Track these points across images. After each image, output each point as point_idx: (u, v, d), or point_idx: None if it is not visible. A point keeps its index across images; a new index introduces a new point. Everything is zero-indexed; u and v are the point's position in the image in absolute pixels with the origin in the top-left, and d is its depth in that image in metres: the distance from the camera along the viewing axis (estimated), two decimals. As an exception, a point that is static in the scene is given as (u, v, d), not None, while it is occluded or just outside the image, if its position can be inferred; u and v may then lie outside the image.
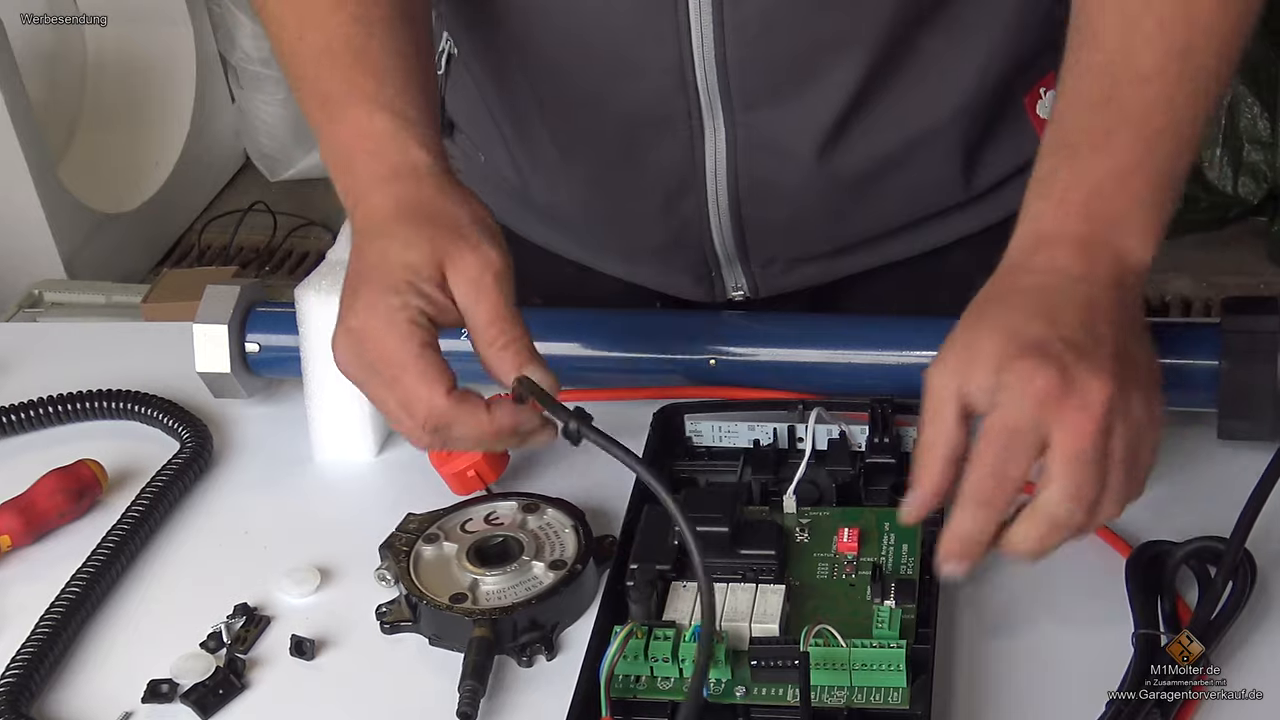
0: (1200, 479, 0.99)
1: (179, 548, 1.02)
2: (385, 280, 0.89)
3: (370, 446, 1.08)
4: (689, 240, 1.13)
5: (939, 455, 0.82)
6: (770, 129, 1.06)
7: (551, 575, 0.93)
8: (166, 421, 1.11)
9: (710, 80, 1.04)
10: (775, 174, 1.09)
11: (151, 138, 3.14)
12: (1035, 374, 0.80)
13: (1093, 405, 0.80)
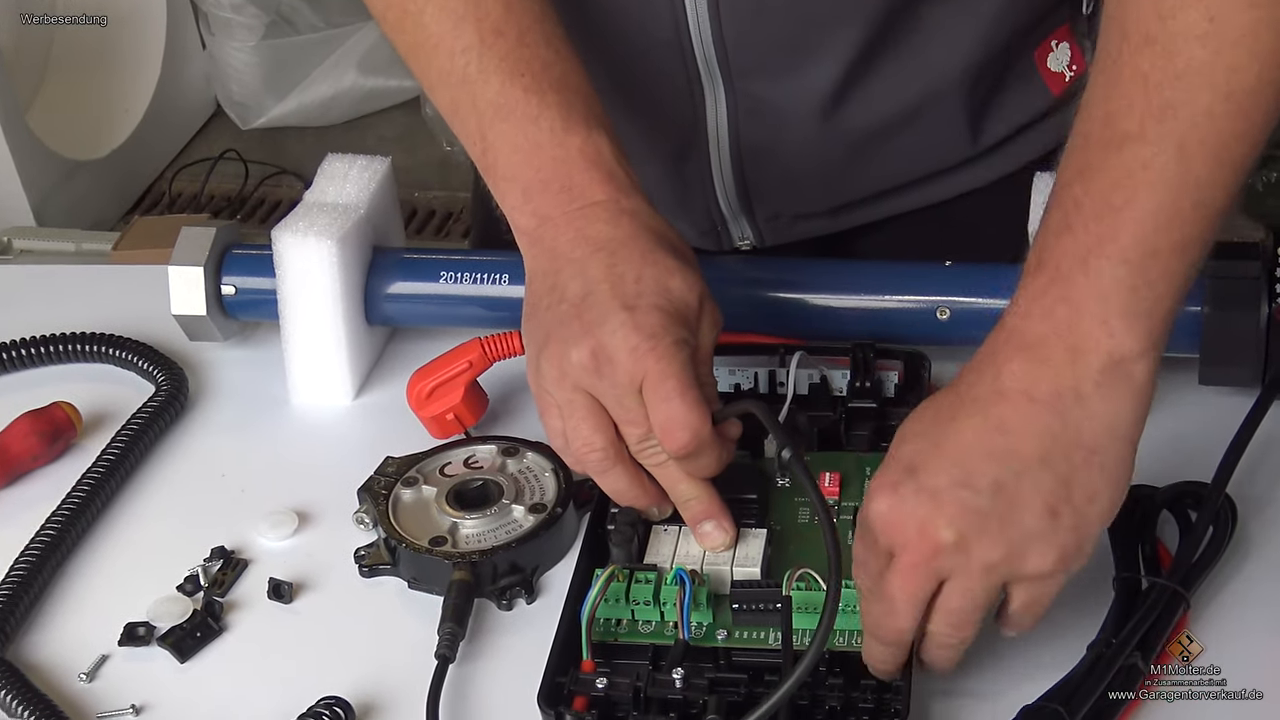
0: (1182, 424, 0.99)
1: (155, 491, 1.02)
2: (661, 311, 0.85)
3: (348, 390, 1.07)
4: (694, 198, 1.13)
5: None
6: (769, 97, 1.06)
7: (531, 518, 0.93)
8: (141, 364, 1.10)
9: (708, 53, 1.04)
10: (776, 137, 1.08)
11: (121, 85, 3.11)
12: (873, 497, 0.77)
13: (914, 551, 0.75)
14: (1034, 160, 1.11)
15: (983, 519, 0.74)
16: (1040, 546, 0.75)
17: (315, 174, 1.09)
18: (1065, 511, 0.75)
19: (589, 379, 0.86)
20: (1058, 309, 0.77)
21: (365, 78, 3.18)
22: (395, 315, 1.09)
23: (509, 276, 1.06)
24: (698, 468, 0.87)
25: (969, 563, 0.75)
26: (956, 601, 0.77)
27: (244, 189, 3.09)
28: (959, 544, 0.75)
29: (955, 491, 0.75)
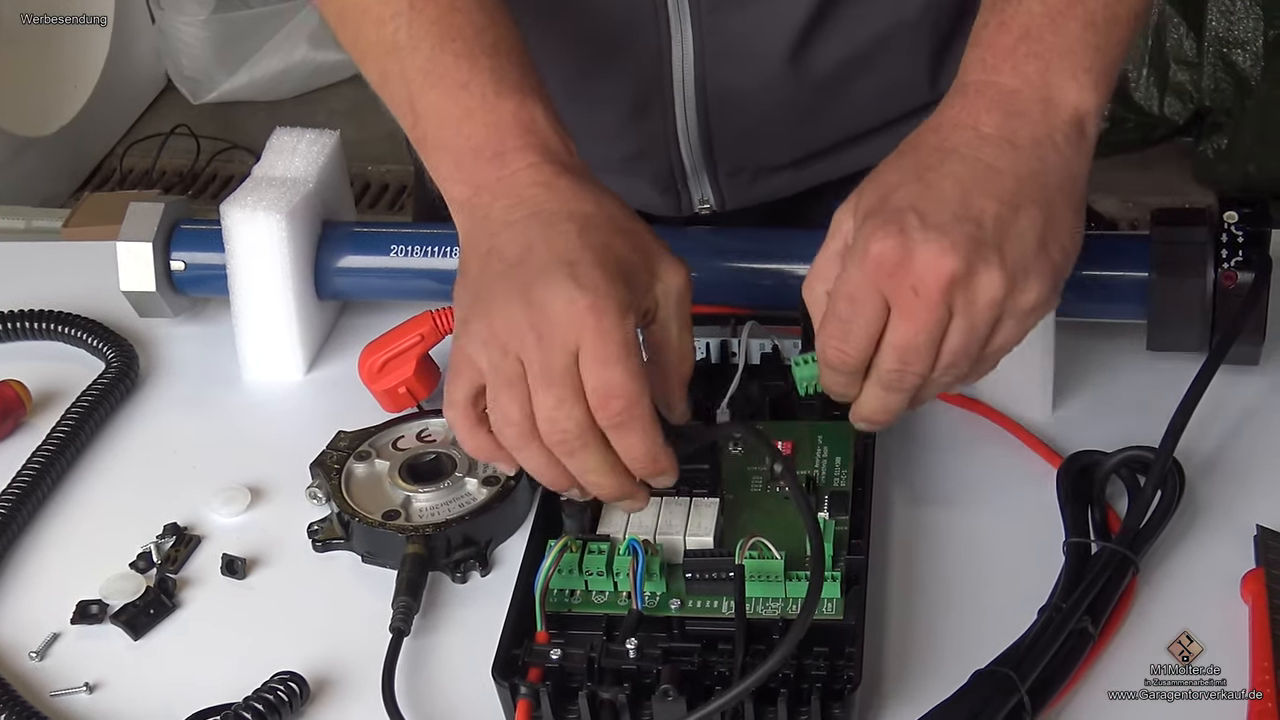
0: (1130, 389, 1.00)
1: (107, 468, 1.01)
2: (603, 268, 0.80)
3: (299, 364, 1.07)
4: (656, 151, 1.12)
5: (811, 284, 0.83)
6: (738, 33, 1.06)
7: (485, 491, 0.93)
8: (91, 341, 1.09)
9: None
10: (743, 80, 1.08)
11: (70, 59, 3.09)
12: (874, 241, 0.78)
13: (927, 287, 0.77)
14: None
15: (987, 251, 0.78)
16: (1035, 277, 0.79)
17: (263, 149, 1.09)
18: (1053, 245, 0.80)
19: (520, 340, 0.80)
20: (1028, 64, 0.82)
21: (316, 51, 3.16)
22: (346, 289, 1.09)
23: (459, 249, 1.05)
24: (626, 447, 0.81)
25: (976, 297, 0.78)
26: (961, 340, 0.79)
27: (196, 164, 3.07)
28: (967, 275, 0.77)
29: (961, 226, 0.78)
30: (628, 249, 0.83)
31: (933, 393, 0.83)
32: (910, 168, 0.81)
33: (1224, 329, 0.95)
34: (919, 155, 0.82)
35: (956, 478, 0.95)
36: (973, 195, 0.79)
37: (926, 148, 0.82)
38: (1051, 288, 0.80)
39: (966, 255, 0.77)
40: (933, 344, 0.79)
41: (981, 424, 0.98)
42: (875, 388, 0.81)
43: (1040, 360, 0.97)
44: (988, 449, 0.97)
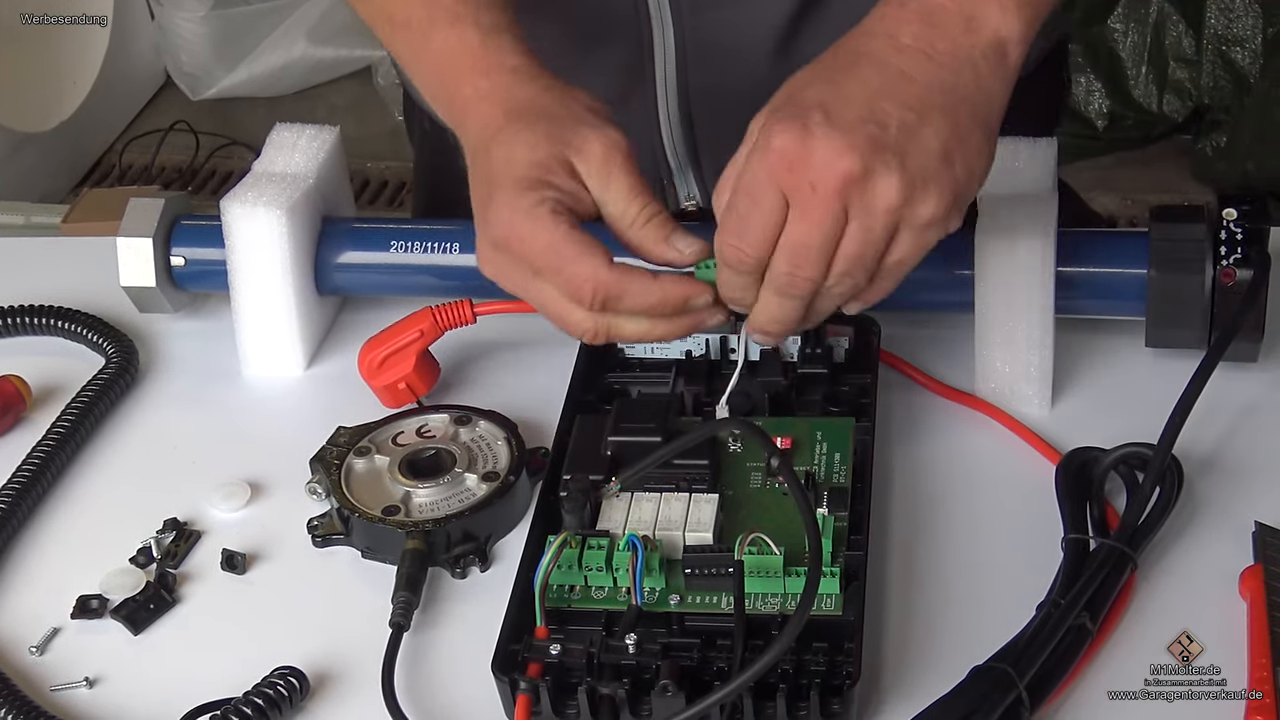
0: (1128, 386, 1.00)
1: (107, 463, 1.01)
2: (516, 183, 0.86)
3: (299, 360, 1.07)
4: (640, 147, 1.11)
5: (720, 189, 0.84)
6: (720, 31, 1.06)
7: (484, 487, 0.93)
8: (91, 337, 1.09)
9: None
10: (726, 77, 1.08)
11: (69, 55, 3.08)
12: (775, 135, 0.79)
13: (825, 183, 0.78)
14: None
15: (888, 155, 0.78)
16: (935, 189, 0.79)
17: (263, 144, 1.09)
18: (958, 160, 0.80)
19: (508, 270, 0.88)
20: None
21: (315, 47, 3.16)
22: (346, 285, 1.09)
23: (459, 245, 1.06)
24: (627, 325, 0.86)
25: (873, 201, 0.78)
26: (856, 246, 0.80)
27: (195, 160, 3.07)
28: (865, 176, 0.78)
29: (864, 127, 0.78)
30: (529, 147, 0.87)
31: (829, 305, 0.83)
32: (823, 70, 0.82)
33: (1223, 326, 0.95)
34: (835, 58, 0.83)
35: (955, 474, 0.95)
36: (880, 99, 0.79)
37: (843, 51, 0.83)
38: (951, 202, 0.80)
39: (865, 156, 0.78)
40: (827, 245, 0.80)
41: (980, 420, 0.98)
42: (770, 293, 0.82)
43: (1039, 356, 0.97)
44: (986, 445, 0.97)
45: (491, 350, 1.06)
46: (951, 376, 1.01)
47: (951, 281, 1.00)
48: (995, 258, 0.96)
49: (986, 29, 0.82)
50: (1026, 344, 0.97)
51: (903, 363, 1.02)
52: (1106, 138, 2.82)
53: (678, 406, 0.97)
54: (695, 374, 0.99)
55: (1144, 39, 2.79)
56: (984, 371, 0.99)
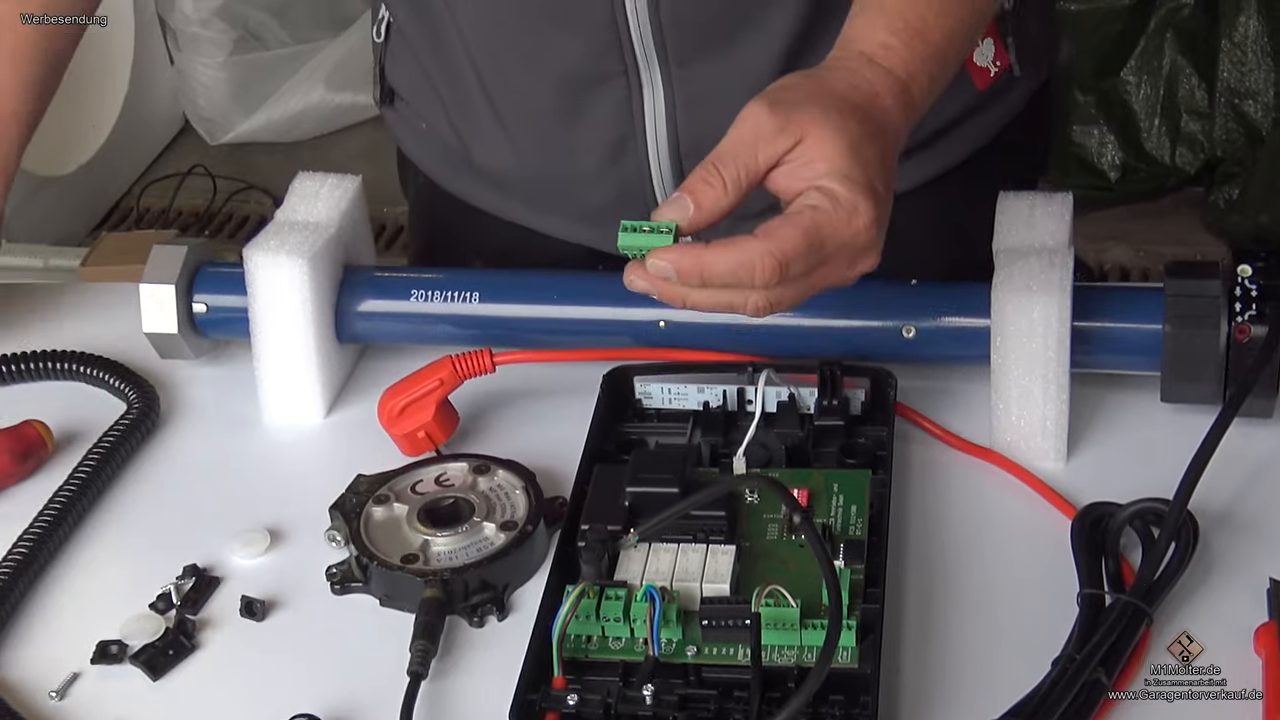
0: (1144, 441, 1.00)
1: (127, 509, 1.02)
2: None
3: (319, 407, 1.08)
4: (631, 198, 1.13)
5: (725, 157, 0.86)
6: (708, 82, 1.07)
7: (502, 536, 0.93)
8: (113, 382, 1.10)
9: (645, 36, 1.05)
10: (715, 127, 1.08)
11: (89, 100, 3.10)
12: (862, 210, 0.83)
13: (874, 254, 0.85)
14: (957, 164, 1.13)
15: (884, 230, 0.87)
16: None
17: (285, 191, 1.10)
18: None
19: None
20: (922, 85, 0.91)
21: (333, 93, 3.18)
22: (366, 333, 1.10)
23: (479, 295, 1.06)
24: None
25: (872, 260, 0.86)
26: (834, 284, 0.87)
27: (212, 204, 3.09)
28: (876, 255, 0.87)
29: (889, 198, 0.86)
30: None
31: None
32: (858, 139, 0.85)
33: (1238, 382, 0.95)
34: (863, 129, 0.86)
35: (971, 527, 0.95)
36: (891, 171, 0.87)
37: (867, 125, 0.87)
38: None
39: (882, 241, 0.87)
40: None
41: (996, 474, 0.99)
42: (721, 295, 0.85)
43: (1054, 410, 0.98)
44: (1002, 499, 0.97)
45: (510, 399, 1.07)
46: (967, 430, 1.01)
47: (968, 335, 1.00)
48: (1011, 312, 0.97)
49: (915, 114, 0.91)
50: (1042, 398, 0.98)
51: (919, 415, 1.02)
52: (1119, 190, 2.82)
53: (695, 457, 0.97)
54: (713, 425, 0.99)
55: (1156, 91, 2.80)
56: (1000, 425, 0.99)
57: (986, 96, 1.13)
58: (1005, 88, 1.15)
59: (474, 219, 1.22)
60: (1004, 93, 1.15)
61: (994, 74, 1.12)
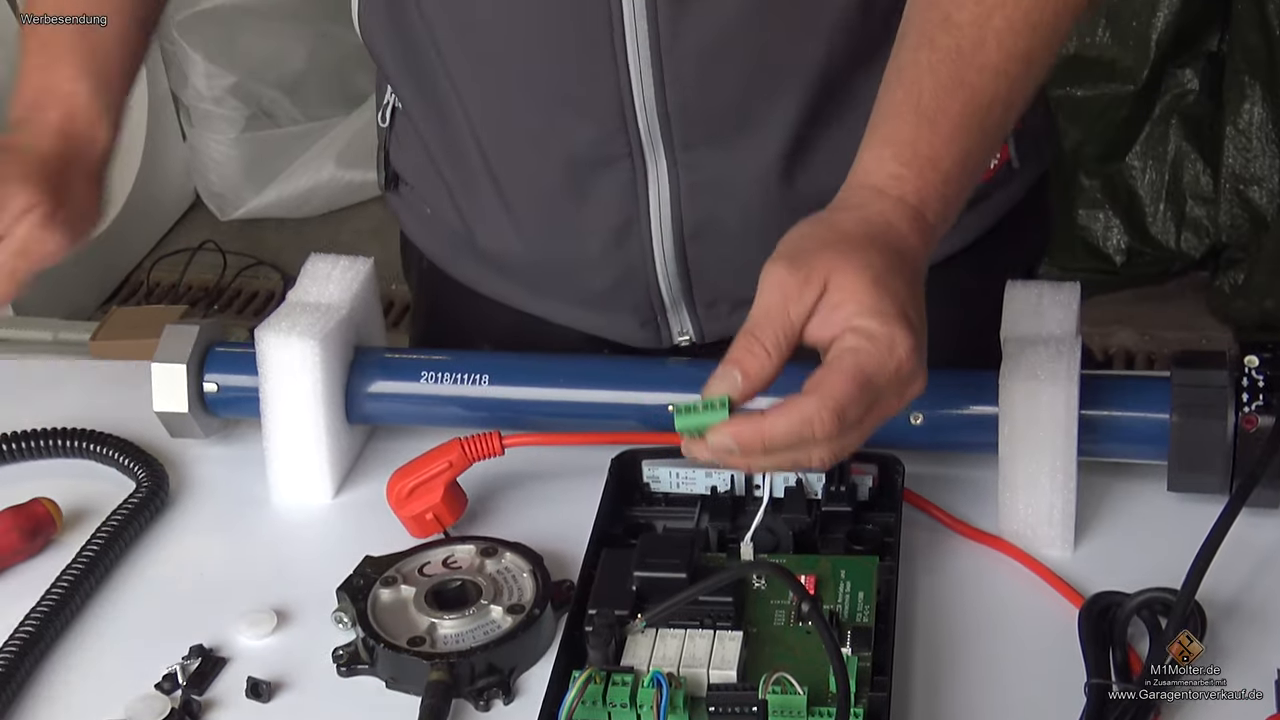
0: (1151, 531, 1.00)
1: (134, 588, 1.02)
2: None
3: (328, 488, 1.08)
4: (634, 283, 1.13)
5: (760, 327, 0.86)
6: (713, 169, 1.08)
7: (509, 619, 0.93)
8: (123, 461, 1.10)
9: (651, 121, 1.06)
10: (720, 213, 1.10)
11: (101, 174, 3.13)
12: (900, 344, 0.84)
13: (920, 379, 0.86)
14: (960, 250, 1.14)
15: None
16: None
17: (294, 267, 1.10)
18: None
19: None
20: (942, 203, 0.92)
21: (343, 170, 3.20)
22: (376, 414, 1.10)
23: (489, 377, 1.07)
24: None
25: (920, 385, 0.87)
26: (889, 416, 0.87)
27: (222, 279, 3.10)
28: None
29: (923, 322, 0.87)
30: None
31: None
32: (885, 272, 0.86)
33: (1245, 472, 0.95)
34: (888, 264, 0.87)
35: (978, 615, 0.95)
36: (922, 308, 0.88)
37: (888, 256, 0.88)
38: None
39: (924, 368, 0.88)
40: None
41: (1003, 561, 0.99)
42: (782, 455, 0.86)
43: (1061, 498, 0.98)
44: (1009, 586, 0.97)
45: (518, 482, 1.07)
46: (975, 517, 1.02)
47: (975, 422, 1.01)
48: (1019, 400, 0.97)
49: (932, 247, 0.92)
50: (1050, 486, 0.98)
51: (926, 502, 1.02)
52: (1125, 273, 2.83)
53: (703, 542, 0.97)
54: (720, 509, 0.99)
55: (1162, 176, 2.81)
56: (1007, 513, 0.99)
57: (987, 187, 1.14)
58: (1005, 178, 1.16)
59: (477, 304, 1.23)
60: (1004, 183, 1.16)
61: (994, 166, 1.14)
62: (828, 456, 0.85)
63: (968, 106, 0.92)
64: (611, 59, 1.03)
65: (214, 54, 3.09)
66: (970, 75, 0.92)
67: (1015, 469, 0.98)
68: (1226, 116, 2.74)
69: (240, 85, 3.12)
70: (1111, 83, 2.76)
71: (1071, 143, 2.78)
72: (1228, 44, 2.73)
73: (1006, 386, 0.97)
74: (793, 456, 0.85)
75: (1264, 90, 2.70)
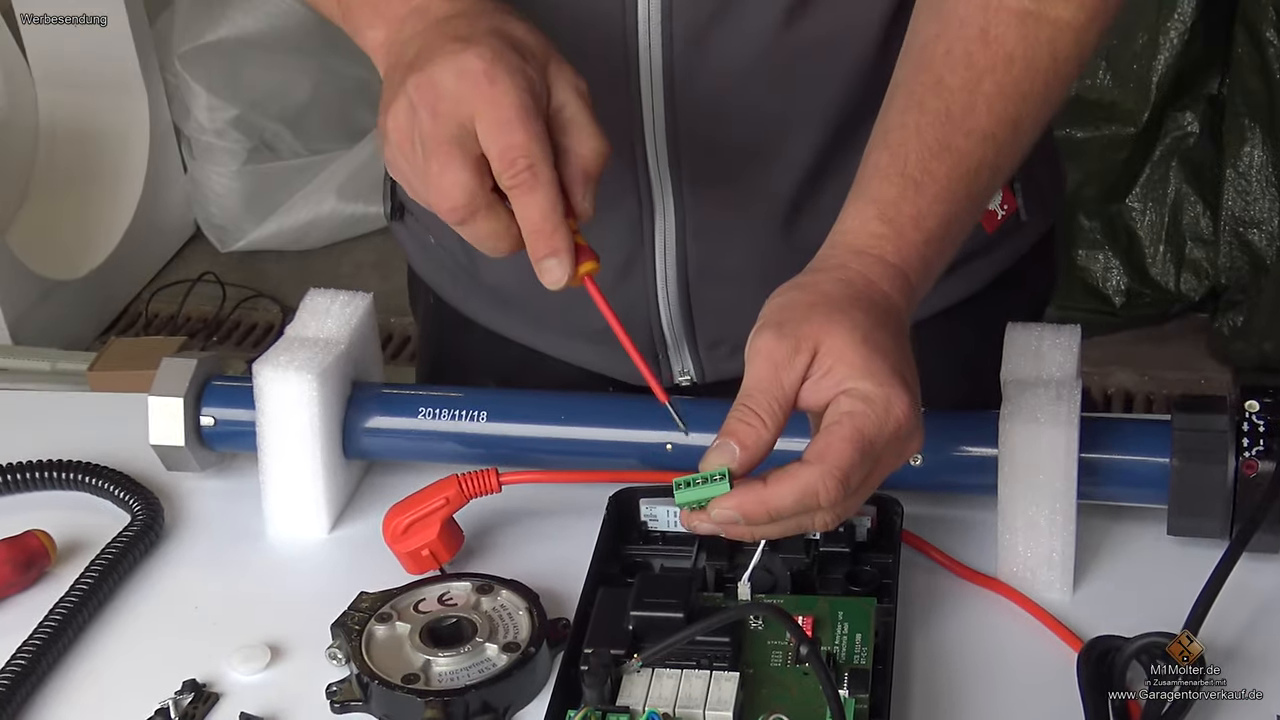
0: (1151, 573, 1.00)
1: (128, 622, 1.01)
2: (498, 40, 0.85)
3: (324, 523, 1.07)
4: (636, 321, 1.13)
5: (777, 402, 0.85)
6: (722, 207, 1.07)
7: (505, 657, 0.93)
8: (118, 493, 1.10)
9: (660, 158, 1.05)
10: (725, 255, 1.09)
11: (102, 205, 3.13)
12: (895, 404, 0.84)
13: (919, 436, 0.86)
14: (965, 299, 1.13)
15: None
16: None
17: (294, 299, 1.10)
18: None
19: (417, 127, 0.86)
20: (923, 264, 0.91)
21: (344, 204, 3.20)
22: (373, 449, 1.10)
23: (487, 413, 1.06)
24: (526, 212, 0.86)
25: (918, 442, 0.87)
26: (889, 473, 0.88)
27: (220, 311, 3.10)
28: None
29: (915, 378, 0.87)
30: (525, 32, 0.88)
31: None
32: (875, 331, 0.86)
33: (1245, 517, 0.95)
34: (875, 323, 0.87)
35: (976, 658, 0.95)
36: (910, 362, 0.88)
37: (875, 314, 0.87)
38: None
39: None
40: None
41: (1001, 604, 0.98)
42: (786, 523, 0.85)
43: (1061, 541, 0.97)
44: (1007, 629, 0.97)
45: (515, 519, 1.06)
46: (973, 559, 1.01)
47: (975, 464, 1.00)
48: (1019, 443, 0.96)
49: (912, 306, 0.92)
50: (1049, 529, 0.97)
51: (925, 543, 1.02)
52: (1124, 314, 2.83)
53: (700, 582, 0.96)
54: (717, 549, 0.99)
55: (1162, 218, 2.82)
56: (1006, 555, 0.99)
57: (994, 238, 1.14)
58: (1013, 229, 1.15)
59: (480, 339, 1.22)
60: (1011, 234, 1.15)
61: (1001, 217, 1.13)
62: (831, 520, 0.85)
63: (954, 170, 0.91)
64: (626, 95, 1.03)
65: (217, 87, 3.10)
66: (958, 140, 0.92)
67: (1015, 511, 0.98)
68: (1227, 159, 2.74)
69: (242, 118, 3.13)
70: (1112, 124, 2.77)
71: (1072, 184, 2.78)
72: (1228, 87, 2.75)
73: (1007, 429, 0.97)
74: (796, 523, 0.85)
75: (1264, 133, 2.71)
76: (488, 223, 0.88)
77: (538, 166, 0.86)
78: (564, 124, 0.88)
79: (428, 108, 0.86)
